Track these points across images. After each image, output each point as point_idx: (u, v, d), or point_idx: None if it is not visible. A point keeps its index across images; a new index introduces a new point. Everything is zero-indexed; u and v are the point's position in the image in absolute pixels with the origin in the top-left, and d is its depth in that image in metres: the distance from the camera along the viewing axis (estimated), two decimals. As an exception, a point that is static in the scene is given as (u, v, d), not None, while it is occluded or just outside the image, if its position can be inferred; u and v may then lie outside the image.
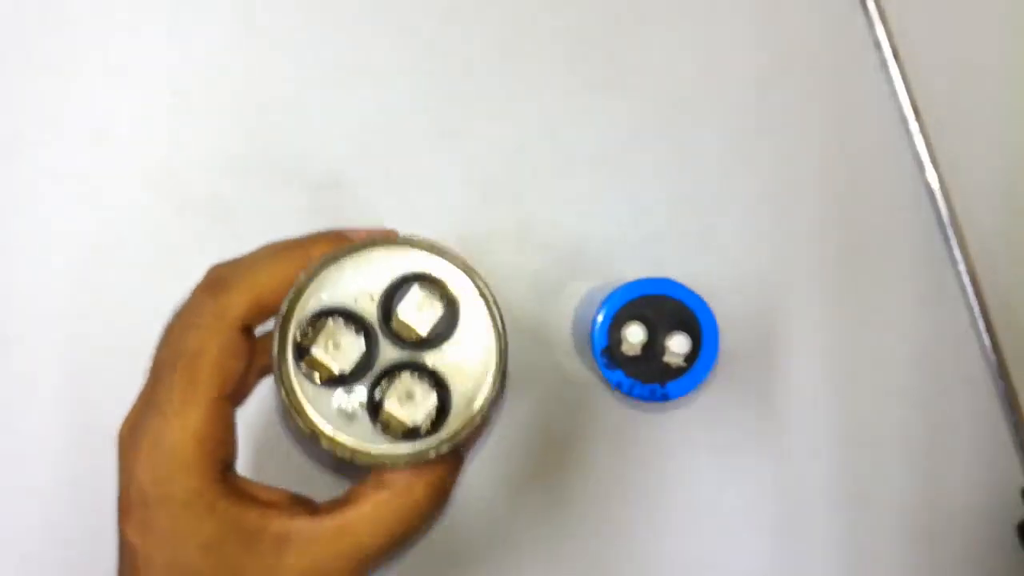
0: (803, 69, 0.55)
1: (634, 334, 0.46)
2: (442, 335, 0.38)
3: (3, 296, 0.53)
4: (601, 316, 0.46)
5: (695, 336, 0.46)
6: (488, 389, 0.38)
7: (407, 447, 0.38)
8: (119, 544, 0.38)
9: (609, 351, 0.46)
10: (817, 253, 0.54)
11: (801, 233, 0.54)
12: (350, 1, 0.54)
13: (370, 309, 0.38)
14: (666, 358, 0.46)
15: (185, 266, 0.39)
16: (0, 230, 0.53)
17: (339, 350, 0.37)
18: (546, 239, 0.54)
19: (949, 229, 0.54)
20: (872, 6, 0.54)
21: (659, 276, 0.47)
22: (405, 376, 0.37)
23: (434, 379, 0.38)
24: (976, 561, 0.54)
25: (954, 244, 0.54)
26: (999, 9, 0.55)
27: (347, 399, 0.38)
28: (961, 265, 0.53)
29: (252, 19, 0.54)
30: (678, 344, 0.46)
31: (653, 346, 0.46)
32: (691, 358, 0.46)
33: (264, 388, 0.42)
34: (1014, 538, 0.53)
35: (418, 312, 0.38)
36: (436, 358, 0.38)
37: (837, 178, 0.54)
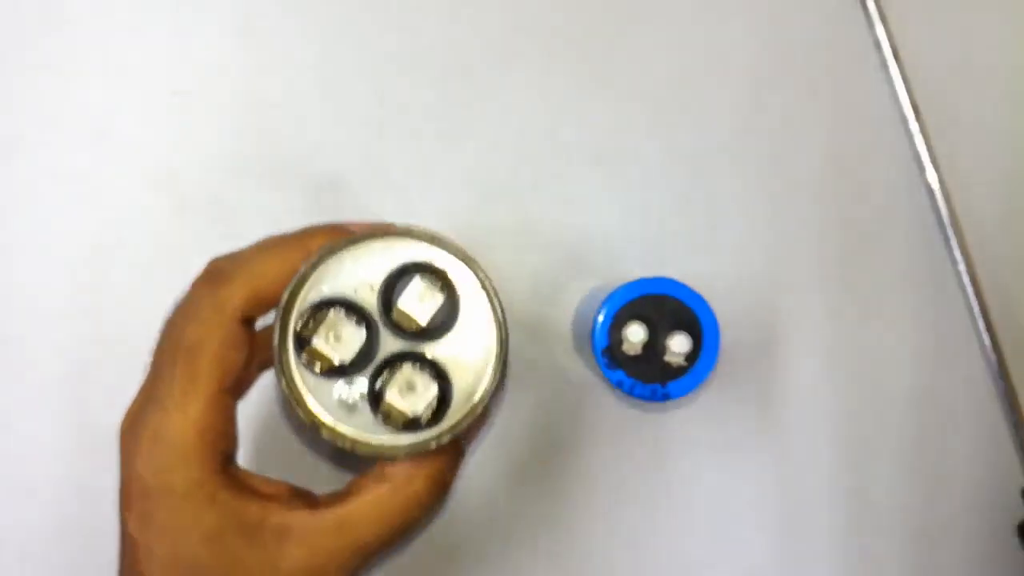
0: (803, 69, 0.55)
1: (635, 334, 0.46)
2: (443, 326, 0.38)
3: (3, 296, 0.53)
4: (602, 316, 0.46)
5: (696, 336, 0.46)
6: (489, 380, 0.38)
7: (408, 438, 0.38)
8: (120, 536, 0.38)
9: (610, 351, 0.46)
10: (817, 253, 0.54)
11: (801, 233, 0.54)
12: (350, 1, 0.54)
13: (371, 300, 0.38)
14: (667, 358, 0.46)
15: (185, 266, 0.39)
16: (0, 230, 0.53)
17: (340, 341, 0.37)
18: (546, 239, 0.54)
19: (949, 229, 0.54)
20: (872, 6, 0.54)
21: (660, 276, 0.46)
22: (406, 367, 0.37)
23: (435, 370, 0.38)
24: (976, 561, 0.54)
25: (954, 244, 0.54)
26: (999, 9, 0.55)
27: (348, 390, 0.38)
28: (961, 265, 0.53)
29: (252, 19, 0.54)
30: (679, 344, 0.46)
31: (654, 346, 0.46)
32: (692, 358, 0.46)
33: (265, 380, 0.42)
34: (1014, 538, 0.53)
35: (419, 302, 0.38)
36: (437, 349, 0.38)
37: (837, 178, 0.54)
